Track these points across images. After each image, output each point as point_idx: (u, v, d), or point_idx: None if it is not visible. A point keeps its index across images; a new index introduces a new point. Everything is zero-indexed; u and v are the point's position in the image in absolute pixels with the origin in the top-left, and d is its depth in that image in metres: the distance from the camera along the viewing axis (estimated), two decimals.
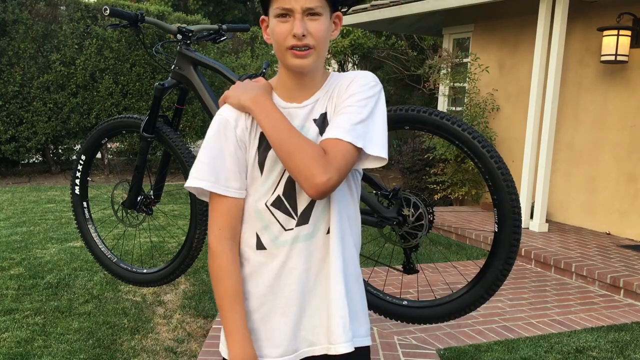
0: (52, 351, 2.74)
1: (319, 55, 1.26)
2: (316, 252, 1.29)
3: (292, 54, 1.23)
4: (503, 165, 2.14)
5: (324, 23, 1.25)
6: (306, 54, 1.23)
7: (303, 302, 1.30)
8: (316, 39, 1.24)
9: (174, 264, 2.91)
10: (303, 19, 1.22)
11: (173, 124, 2.98)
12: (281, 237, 1.29)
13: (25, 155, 8.27)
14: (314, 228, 1.28)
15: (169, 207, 6.12)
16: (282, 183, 1.28)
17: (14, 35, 7.58)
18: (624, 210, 5.55)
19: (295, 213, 1.28)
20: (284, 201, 1.28)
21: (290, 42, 1.23)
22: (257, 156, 1.28)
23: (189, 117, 8.68)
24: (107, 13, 2.64)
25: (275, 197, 1.28)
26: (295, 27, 1.21)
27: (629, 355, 3.03)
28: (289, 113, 1.29)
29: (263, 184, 1.29)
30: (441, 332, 3.19)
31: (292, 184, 1.28)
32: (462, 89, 7.17)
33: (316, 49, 1.24)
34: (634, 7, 5.41)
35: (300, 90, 1.30)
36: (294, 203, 1.28)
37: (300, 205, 1.28)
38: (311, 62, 1.25)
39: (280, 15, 1.23)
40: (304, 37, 1.22)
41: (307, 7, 1.22)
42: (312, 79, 1.30)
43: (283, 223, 1.28)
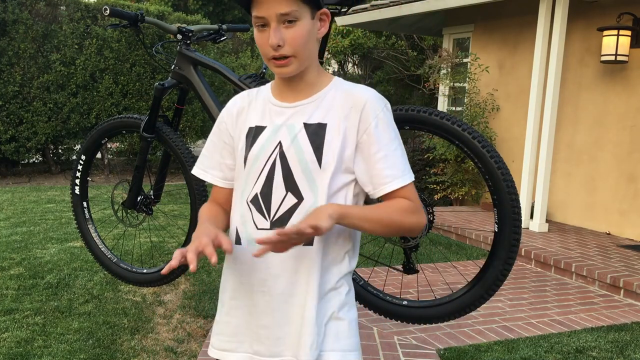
0: (52, 351, 2.75)
1: (301, 62, 1.25)
2: (290, 262, 1.26)
3: (273, 64, 1.25)
4: (503, 165, 2.14)
5: (302, 28, 1.22)
6: (285, 62, 1.23)
7: (270, 309, 1.28)
8: (294, 46, 1.22)
9: None
10: (279, 27, 1.21)
11: (173, 124, 2.98)
12: (254, 235, 1.28)
13: (25, 155, 8.27)
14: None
15: (169, 207, 6.12)
16: (261, 181, 1.29)
17: (14, 35, 7.58)
18: (623, 210, 5.55)
19: (269, 214, 1.28)
20: (259, 200, 1.29)
21: (269, 52, 1.23)
22: (244, 151, 1.32)
23: (189, 117, 8.68)
24: (107, 13, 2.64)
25: (253, 194, 1.30)
26: (270, 37, 1.21)
27: (629, 355, 3.03)
28: (277, 111, 1.31)
29: (246, 179, 1.32)
30: (441, 332, 3.19)
31: (269, 184, 1.28)
32: (462, 89, 7.17)
33: (296, 57, 1.23)
34: (634, 7, 5.41)
35: (291, 92, 1.31)
36: (269, 204, 1.28)
37: (274, 207, 1.27)
38: (292, 70, 1.25)
39: (258, 25, 1.23)
40: (279, 47, 1.21)
41: (280, 14, 1.19)
42: (302, 82, 1.30)
43: (257, 222, 1.29)
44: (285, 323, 1.27)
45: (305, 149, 1.26)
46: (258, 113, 1.34)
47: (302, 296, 1.26)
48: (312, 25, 1.24)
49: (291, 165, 1.27)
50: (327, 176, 1.26)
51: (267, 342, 1.29)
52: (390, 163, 1.26)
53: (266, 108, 1.33)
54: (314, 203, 1.25)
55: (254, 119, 1.33)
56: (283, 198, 1.27)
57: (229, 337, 1.34)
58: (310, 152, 1.26)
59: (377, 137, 1.25)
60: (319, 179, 1.26)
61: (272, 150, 1.28)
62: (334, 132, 1.26)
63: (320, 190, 1.26)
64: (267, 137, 1.30)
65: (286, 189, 1.27)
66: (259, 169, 1.29)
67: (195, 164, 1.43)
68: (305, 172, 1.26)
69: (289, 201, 1.27)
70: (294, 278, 1.27)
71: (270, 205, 1.28)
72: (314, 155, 1.26)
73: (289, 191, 1.27)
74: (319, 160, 1.25)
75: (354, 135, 1.26)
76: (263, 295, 1.29)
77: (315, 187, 1.26)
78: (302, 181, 1.26)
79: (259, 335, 1.30)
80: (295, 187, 1.27)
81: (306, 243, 1.25)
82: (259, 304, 1.29)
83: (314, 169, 1.26)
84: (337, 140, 1.26)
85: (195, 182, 2.72)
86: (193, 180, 2.72)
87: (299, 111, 1.29)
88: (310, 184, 1.26)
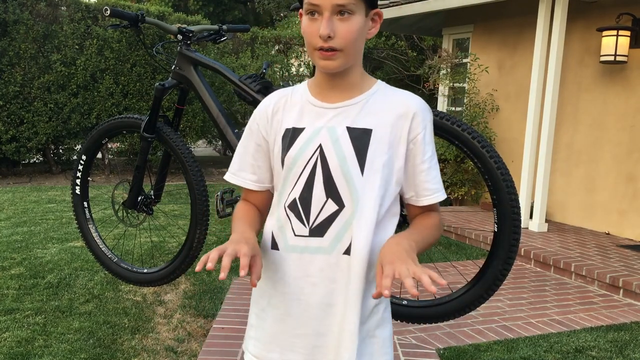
0: (53, 351, 2.75)
1: (348, 58, 1.19)
2: (329, 270, 1.21)
3: (318, 55, 1.18)
4: (502, 165, 2.15)
5: (355, 23, 1.17)
6: (332, 55, 1.17)
7: (306, 318, 1.24)
8: (344, 41, 1.16)
9: (174, 263, 2.92)
10: (332, 18, 1.15)
11: (173, 124, 2.99)
12: (291, 242, 1.24)
13: (26, 155, 8.27)
14: (330, 245, 1.21)
15: (169, 207, 6.13)
16: (300, 186, 1.23)
17: (15, 36, 7.59)
18: (623, 210, 5.56)
19: (308, 221, 1.22)
20: (298, 205, 1.23)
21: (317, 43, 1.17)
22: (280, 154, 1.26)
23: (189, 117, 8.69)
24: (108, 13, 2.65)
25: (291, 199, 1.24)
26: (321, 27, 1.15)
27: (628, 355, 3.04)
28: (316, 112, 1.25)
29: (283, 183, 1.26)
30: (441, 332, 3.20)
31: (309, 189, 1.22)
32: (461, 89, 7.17)
33: (344, 51, 1.17)
34: (633, 8, 5.42)
35: (331, 90, 1.25)
36: (308, 210, 1.22)
37: (313, 213, 1.22)
38: (338, 65, 1.19)
39: (310, 13, 1.17)
40: (329, 39, 1.15)
41: (336, 4, 1.14)
42: (344, 80, 1.23)
43: (295, 228, 1.24)
44: (323, 333, 1.23)
45: (347, 154, 1.20)
46: (295, 113, 1.27)
47: (341, 306, 1.22)
48: (364, 23, 1.19)
49: (332, 170, 1.21)
50: (370, 185, 1.21)
51: (302, 351, 1.25)
52: (432, 176, 1.26)
53: (305, 108, 1.26)
54: (354, 212, 1.20)
55: (290, 120, 1.26)
56: (323, 204, 1.21)
57: (263, 344, 1.29)
58: (352, 157, 1.20)
59: (423, 148, 1.23)
60: (360, 187, 1.20)
61: (312, 154, 1.22)
62: (380, 140, 1.21)
63: (361, 199, 1.20)
64: (306, 140, 1.23)
65: (327, 194, 1.21)
66: (297, 173, 1.23)
67: (229, 170, 1.37)
68: (347, 179, 1.20)
69: (330, 208, 1.21)
70: (331, 287, 1.22)
71: (310, 212, 1.22)
72: (356, 162, 1.20)
73: (330, 197, 1.21)
74: (362, 167, 1.20)
75: (403, 145, 1.23)
76: (299, 304, 1.24)
77: (356, 195, 1.20)
78: (343, 187, 1.21)
79: (292, 345, 1.25)
80: (337, 193, 1.21)
81: (345, 252, 1.21)
82: (293, 312, 1.25)
83: (356, 176, 1.20)
84: (384, 148, 1.21)
85: (196, 182, 2.73)
86: (193, 180, 2.73)
87: (341, 113, 1.23)
88: (352, 191, 1.20)
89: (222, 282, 3.80)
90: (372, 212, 1.21)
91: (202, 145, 11.72)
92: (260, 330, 1.30)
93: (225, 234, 5.05)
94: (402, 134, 1.22)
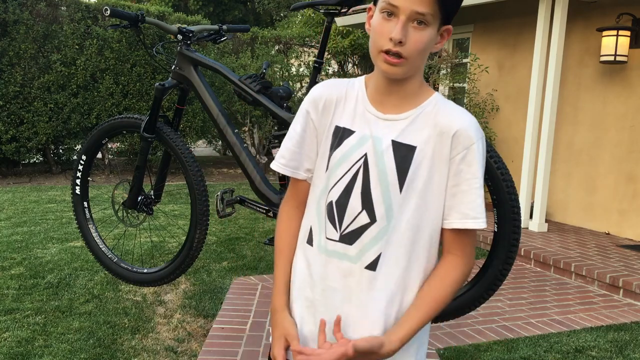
0: (53, 351, 2.75)
1: (411, 67, 1.16)
2: (352, 280, 1.20)
3: (382, 58, 1.14)
4: (502, 165, 2.15)
5: (428, 35, 1.14)
6: (396, 62, 1.14)
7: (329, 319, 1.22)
8: (412, 50, 1.13)
9: (174, 263, 2.92)
10: (407, 24, 1.12)
11: (173, 124, 2.99)
12: (323, 243, 1.23)
13: (26, 155, 8.27)
14: (356, 255, 1.20)
15: (169, 207, 6.13)
16: (339, 189, 1.21)
17: (15, 36, 7.59)
18: (623, 210, 5.56)
19: (340, 226, 1.21)
20: (334, 208, 1.22)
21: (385, 45, 1.13)
22: (328, 150, 1.24)
23: (189, 117, 8.69)
24: (108, 13, 2.65)
25: (329, 201, 1.23)
26: (395, 30, 1.11)
27: (628, 355, 3.04)
28: (367, 118, 1.21)
29: (326, 181, 1.24)
30: (441, 332, 3.20)
31: (347, 195, 1.20)
32: (461, 89, 7.17)
33: (409, 60, 1.14)
34: (633, 8, 5.42)
35: (388, 95, 1.21)
36: (342, 215, 1.20)
37: (346, 221, 1.20)
38: (400, 72, 1.15)
39: (385, 11, 1.14)
40: (399, 44, 1.12)
41: (415, 11, 1.11)
42: (401, 88, 1.20)
43: (328, 230, 1.22)
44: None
45: (389, 169, 1.17)
46: (348, 112, 1.24)
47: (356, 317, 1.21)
48: (434, 36, 1.16)
49: (372, 182, 1.18)
50: (407, 204, 1.18)
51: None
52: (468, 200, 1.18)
53: (358, 110, 1.23)
54: (386, 228, 1.18)
55: (343, 119, 1.24)
56: (358, 214, 1.19)
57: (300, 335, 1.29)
58: (393, 174, 1.17)
59: (459, 169, 1.17)
60: (396, 205, 1.17)
61: (356, 161, 1.20)
62: (422, 158, 1.17)
63: (396, 216, 1.18)
64: (353, 145, 1.21)
65: (362, 205, 1.19)
66: (339, 176, 1.21)
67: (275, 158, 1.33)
68: (384, 194, 1.18)
69: (362, 219, 1.19)
70: (349, 296, 1.21)
71: (344, 218, 1.20)
72: (396, 179, 1.17)
73: (365, 209, 1.19)
74: (401, 185, 1.17)
75: (444, 165, 1.18)
76: (321, 305, 1.24)
77: (391, 213, 1.18)
78: (378, 202, 1.18)
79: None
80: (371, 206, 1.18)
81: (367, 266, 1.19)
82: (319, 310, 1.24)
83: (394, 193, 1.17)
84: (426, 167, 1.18)
85: (196, 182, 2.73)
86: (193, 180, 2.73)
87: (390, 125, 1.20)
88: (387, 208, 1.18)
89: (222, 282, 3.80)
90: (406, 232, 1.18)
91: (202, 145, 11.71)
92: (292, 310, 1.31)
93: (225, 234, 5.05)
94: (443, 152, 1.17)
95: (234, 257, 4.39)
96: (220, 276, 3.92)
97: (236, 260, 4.29)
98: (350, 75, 10.52)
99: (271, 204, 2.71)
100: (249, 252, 4.53)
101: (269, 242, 2.71)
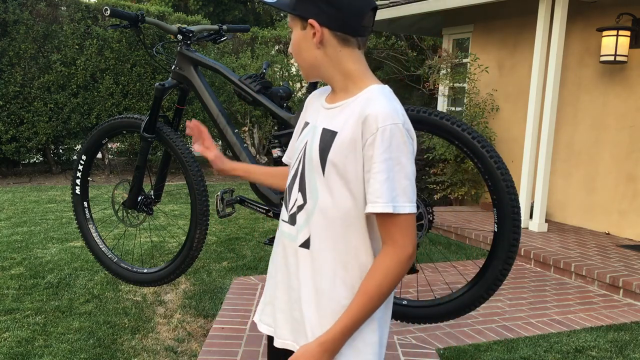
0: (53, 351, 2.75)
1: (303, 70, 1.35)
2: (291, 258, 1.32)
3: None
4: (502, 165, 2.15)
5: (294, 36, 1.33)
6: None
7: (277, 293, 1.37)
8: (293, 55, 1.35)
9: (174, 263, 2.92)
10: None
11: (173, 124, 2.99)
12: (280, 225, 1.38)
13: (26, 156, 8.27)
14: (295, 234, 1.32)
15: (169, 207, 6.13)
16: (290, 175, 1.36)
17: (15, 36, 7.59)
18: (623, 210, 5.56)
19: (288, 208, 1.35)
20: (286, 193, 1.37)
21: None
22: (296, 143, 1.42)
23: (189, 117, 8.69)
24: (108, 13, 2.65)
25: (285, 186, 1.38)
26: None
27: (628, 355, 3.04)
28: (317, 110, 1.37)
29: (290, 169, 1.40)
30: (441, 332, 3.20)
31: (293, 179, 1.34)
32: (461, 89, 7.17)
33: (299, 64, 1.35)
34: (633, 8, 5.42)
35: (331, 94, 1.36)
36: (288, 198, 1.35)
37: (291, 203, 1.34)
38: (303, 75, 1.37)
39: None
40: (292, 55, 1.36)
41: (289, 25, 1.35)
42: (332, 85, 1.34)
43: (283, 212, 1.38)
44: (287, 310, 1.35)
45: (314, 153, 1.28)
46: (314, 108, 1.40)
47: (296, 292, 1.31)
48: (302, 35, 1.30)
49: (306, 167, 1.30)
50: (329, 187, 1.25)
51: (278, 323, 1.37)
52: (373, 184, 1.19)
53: (318, 105, 1.39)
54: (313, 209, 1.28)
55: (308, 114, 1.40)
56: (296, 197, 1.32)
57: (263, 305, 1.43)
58: (317, 157, 1.27)
59: (369, 155, 1.20)
60: (320, 187, 1.27)
61: (301, 149, 1.34)
62: (341, 143, 1.23)
63: (320, 198, 1.27)
64: (304, 135, 1.36)
65: (299, 188, 1.32)
66: (293, 164, 1.36)
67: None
68: (310, 178, 1.29)
69: (298, 201, 1.31)
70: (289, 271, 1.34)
71: (289, 201, 1.34)
72: (319, 162, 1.26)
73: (300, 191, 1.31)
74: (323, 168, 1.26)
75: (359, 151, 1.22)
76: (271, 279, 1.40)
77: (316, 194, 1.28)
78: (310, 185, 1.29)
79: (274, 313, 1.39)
80: (304, 189, 1.30)
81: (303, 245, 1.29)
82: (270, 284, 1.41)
83: (318, 176, 1.27)
84: (344, 152, 1.23)
85: (196, 182, 2.73)
86: (193, 180, 2.73)
87: (327, 114, 1.31)
88: (312, 190, 1.28)
89: (222, 282, 3.80)
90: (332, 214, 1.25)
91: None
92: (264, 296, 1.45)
93: (225, 234, 5.05)
94: (356, 137, 1.22)
95: (234, 257, 4.39)
96: (220, 276, 3.92)
97: (236, 260, 4.29)
98: None
99: (271, 204, 2.71)
100: (249, 252, 4.53)
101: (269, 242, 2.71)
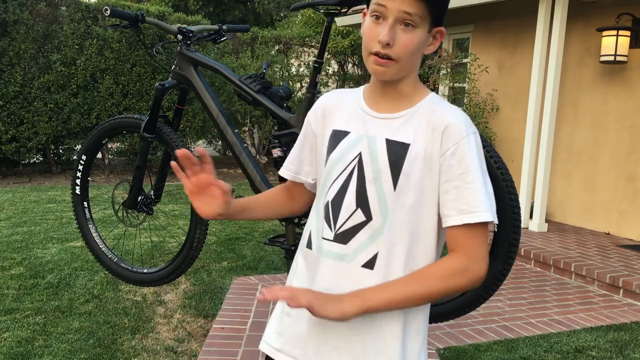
0: (53, 351, 2.75)
1: (401, 69, 1.17)
2: (345, 280, 1.18)
3: (373, 60, 1.16)
4: (502, 165, 2.15)
5: (417, 36, 1.15)
6: (385, 63, 1.15)
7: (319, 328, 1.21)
8: (401, 52, 1.15)
9: (174, 263, 2.92)
10: (395, 26, 1.14)
11: (173, 124, 2.99)
12: (318, 242, 1.24)
13: (26, 156, 8.27)
14: (352, 254, 1.19)
15: (169, 207, 6.13)
16: (334, 189, 1.22)
17: (15, 36, 7.59)
18: (623, 210, 5.56)
19: (335, 225, 1.21)
20: (329, 208, 1.22)
21: (374, 47, 1.15)
22: (326, 154, 1.27)
23: (189, 117, 8.69)
24: (108, 13, 2.65)
25: (326, 201, 1.24)
26: (382, 33, 1.13)
27: (628, 355, 3.04)
28: (363, 118, 1.24)
29: (323, 183, 1.27)
30: (441, 332, 3.20)
31: (342, 194, 1.21)
32: (461, 89, 7.18)
33: (399, 62, 1.16)
34: (633, 8, 5.42)
35: (382, 97, 1.23)
36: (337, 214, 1.21)
37: (341, 219, 1.20)
38: (389, 74, 1.17)
39: (374, 14, 1.16)
40: (387, 46, 1.14)
41: (403, 11, 1.12)
42: (395, 89, 1.22)
43: (324, 230, 1.23)
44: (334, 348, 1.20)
45: (382, 167, 1.17)
46: (345, 116, 1.27)
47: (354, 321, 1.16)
48: (425, 38, 1.18)
49: (367, 180, 1.19)
50: (401, 202, 1.17)
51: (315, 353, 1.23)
52: (459, 195, 1.14)
53: (354, 112, 1.26)
54: (382, 226, 1.17)
55: (339, 122, 1.27)
56: (352, 212, 1.19)
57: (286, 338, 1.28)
58: (387, 171, 1.17)
59: (450, 165, 1.15)
60: (391, 203, 1.17)
61: (351, 160, 1.21)
62: (416, 155, 1.17)
63: (391, 215, 1.17)
64: (348, 145, 1.22)
65: (357, 204, 1.19)
66: (335, 176, 1.23)
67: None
68: (379, 192, 1.18)
69: (357, 217, 1.19)
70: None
71: (338, 217, 1.20)
72: (390, 176, 1.17)
73: (359, 207, 1.19)
74: (395, 183, 1.17)
75: (436, 162, 1.16)
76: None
77: (386, 210, 1.17)
78: (374, 200, 1.18)
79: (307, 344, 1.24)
80: (367, 204, 1.18)
81: (364, 264, 1.17)
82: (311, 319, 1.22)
83: (388, 191, 1.17)
84: (419, 164, 1.17)
85: None
86: None
87: (385, 124, 1.21)
88: (382, 206, 1.17)
89: (222, 282, 3.80)
90: (401, 230, 1.17)
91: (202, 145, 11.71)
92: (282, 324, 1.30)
93: (225, 234, 5.05)
94: (434, 149, 1.17)
95: (234, 257, 4.39)
96: (220, 276, 3.92)
97: (236, 260, 4.29)
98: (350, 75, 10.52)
99: None
100: (249, 252, 4.53)
101: (269, 242, 2.72)
